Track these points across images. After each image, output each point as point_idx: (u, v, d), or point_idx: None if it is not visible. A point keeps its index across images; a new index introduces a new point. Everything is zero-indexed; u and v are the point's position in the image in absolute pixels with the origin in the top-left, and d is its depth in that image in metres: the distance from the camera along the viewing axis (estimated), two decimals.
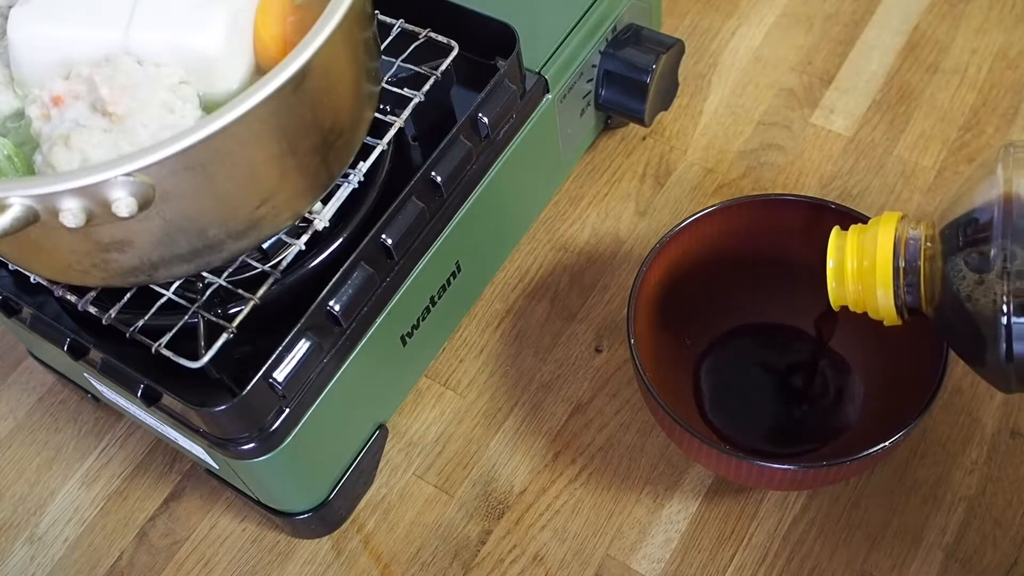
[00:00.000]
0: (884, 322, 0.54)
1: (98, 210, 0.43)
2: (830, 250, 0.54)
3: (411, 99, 0.60)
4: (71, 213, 0.42)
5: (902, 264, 0.51)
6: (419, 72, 0.62)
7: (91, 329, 0.59)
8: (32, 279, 0.57)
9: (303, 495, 0.63)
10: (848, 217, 0.62)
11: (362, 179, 0.57)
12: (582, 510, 0.65)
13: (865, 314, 0.55)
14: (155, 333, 0.53)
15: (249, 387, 0.52)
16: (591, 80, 0.73)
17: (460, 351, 0.73)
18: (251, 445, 0.56)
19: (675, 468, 0.66)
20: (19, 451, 0.73)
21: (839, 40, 0.85)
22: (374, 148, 0.58)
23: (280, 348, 0.54)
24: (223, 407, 0.52)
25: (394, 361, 0.65)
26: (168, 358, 0.53)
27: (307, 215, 0.54)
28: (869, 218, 0.61)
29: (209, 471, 0.66)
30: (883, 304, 0.53)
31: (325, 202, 0.56)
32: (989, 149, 0.68)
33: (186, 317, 0.55)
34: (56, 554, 0.68)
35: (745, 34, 0.86)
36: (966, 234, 0.48)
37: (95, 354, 0.58)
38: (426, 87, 0.60)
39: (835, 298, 0.55)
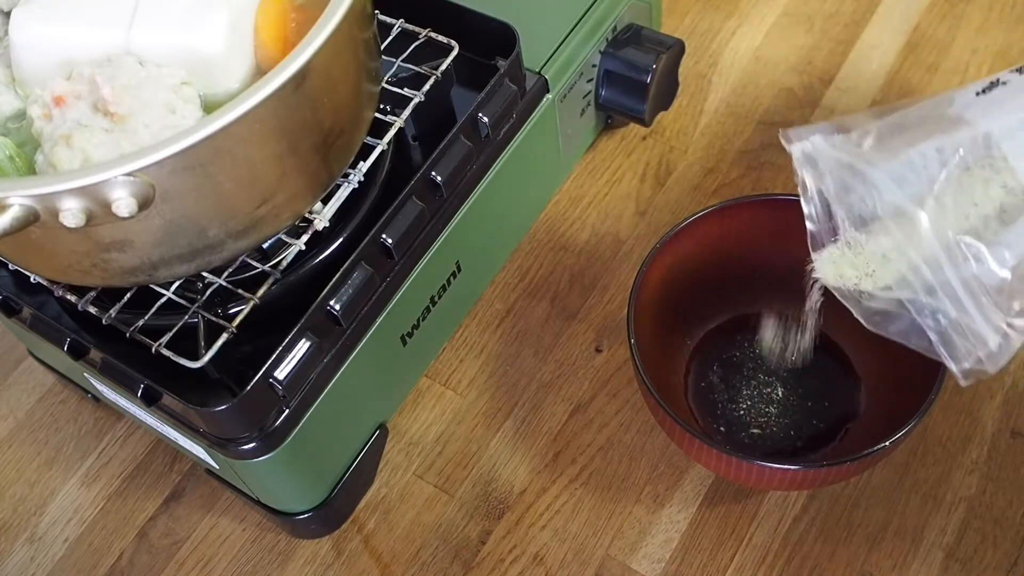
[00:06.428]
0: None
1: (98, 210, 0.43)
2: None
3: (411, 99, 0.60)
4: (71, 213, 0.42)
5: None
6: (419, 72, 0.62)
7: (91, 329, 0.59)
8: (32, 279, 0.57)
9: (303, 495, 0.63)
10: None
11: (362, 179, 0.57)
12: (582, 510, 0.65)
13: None
14: (155, 333, 0.54)
15: (249, 387, 0.52)
16: (591, 80, 0.73)
17: (460, 351, 0.73)
18: (251, 445, 0.56)
19: (675, 468, 0.66)
20: (19, 451, 0.73)
21: (839, 40, 0.85)
22: (374, 148, 0.58)
23: (280, 348, 0.54)
24: (223, 407, 0.52)
25: (394, 361, 0.65)
26: (168, 358, 0.53)
27: (307, 215, 0.54)
28: None
29: (209, 471, 0.66)
30: None
31: (325, 202, 0.56)
32: None
33: (186, 317, 0.55)
34: (56, 554, 0.68)
35: (745, 34, 0.86)
36: None
37: (95, 354, 0.58)
38: (426, 87, 0.60)
39: None
